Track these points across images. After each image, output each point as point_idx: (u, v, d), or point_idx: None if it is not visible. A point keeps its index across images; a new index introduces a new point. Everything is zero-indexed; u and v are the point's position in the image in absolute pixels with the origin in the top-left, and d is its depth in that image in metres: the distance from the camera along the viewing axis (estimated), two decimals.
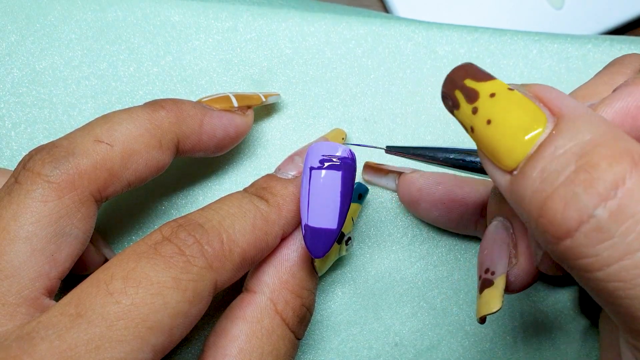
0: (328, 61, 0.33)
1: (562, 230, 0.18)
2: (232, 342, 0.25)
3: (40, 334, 0.20)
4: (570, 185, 0.17)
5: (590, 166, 0.17)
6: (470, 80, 0.21)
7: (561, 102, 0.19)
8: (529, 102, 0.20)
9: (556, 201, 0.18)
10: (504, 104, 0.20)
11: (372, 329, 0.32)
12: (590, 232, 0.17)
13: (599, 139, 0.18)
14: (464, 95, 0.21)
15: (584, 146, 0.18)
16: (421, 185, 0.31)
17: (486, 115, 0.20)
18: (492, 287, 0.24)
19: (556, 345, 0.32)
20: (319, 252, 0.25)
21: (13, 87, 0.32)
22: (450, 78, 0.21)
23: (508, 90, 0.20)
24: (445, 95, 0.21)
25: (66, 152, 0.24)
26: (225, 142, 0.29)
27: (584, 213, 0.17)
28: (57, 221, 0.23)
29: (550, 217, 0.18)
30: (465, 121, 0.21)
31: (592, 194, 0.17)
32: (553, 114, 0.19)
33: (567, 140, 0.18)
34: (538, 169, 0.18)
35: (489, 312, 0.24)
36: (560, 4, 0.43)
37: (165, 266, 0.22)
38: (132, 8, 0.33)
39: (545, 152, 0.18)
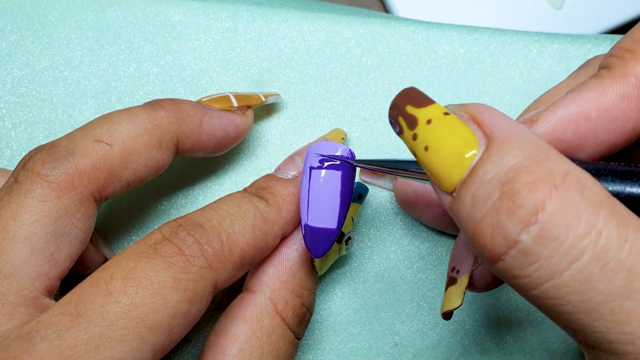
0: (328, 61, 0.33)
1: (493, 254, 0.18)
2: (232, 341, 0.25)
3: (40, 334, 0.20)
4: (495, 213, 0.18)
5: (512, 194, 0.18)
6: (410, 107, 0.21)
7: (493, 124, 0.20)
8: (463, 126, 0.20)
9: (484, 227, 0.18)
10: (439, 130, 0.20)
11: (372, 329, 0.32)
12: (518, 256, 0.18)
13: (523, 163, 0.18)
14: (406, 122, 0.21)
15: (508, 172, 0.18)
16: (417, 187, 0.30)
17: (424, 142, 0.20)
18: (455, 285, 0.26)
19: (556, 343, 0.32)
20: (319, 252, 0.25)
21: (13, 87, 0.32)
22: (394, 104, 0.22)
23: (443, 116, 0.20)
24: (391, 121, 0.22)
25: (66, 152, 0.24)
26: (225, 142, 0.29)
27: (510, 239, 0.18)
28: (57, 221, 0.23)
29: (481, 242, 0.19)
30: (408, 146, 0.21)
31: (515, 221, 0.18)
32: (485, 136, 0.20)
33: (494, 166, 0.19)
34: (470, 194, 0.19)
35: (450, 308, 0.25)
36: (560, 4, 0.43)
37: (165, 266, 0.22)
38: (132, 8, 0.33)
39: (475, 178, 0.19)
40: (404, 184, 0.31)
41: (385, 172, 0.26)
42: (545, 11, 0.43)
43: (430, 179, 0.21)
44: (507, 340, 0.32)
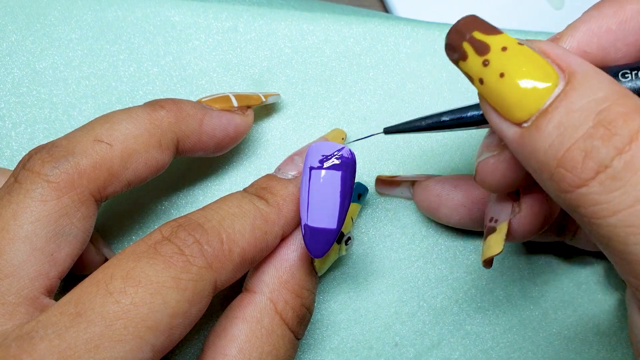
0: (327, 60, 0.33)
1: (580, 179, 0.19)
2: (232, 342, 0.25)
3: (40, 333, 0.20)
4: (589, 138, 0.19)
5: (608, 122, 0.19)
6: (479, 33, 0.21)
7: (570, 59, 0.20)
8: (539, 57, 0.20)
9: (576, 152, 0.19)
10: (516, 58, 0.20)
11: (372, 328, 0.32)
12: (606, 180, 0.19)
13: (611, 96, 0.19)
14: (474, 47, 0.21)
15: (600, 103, 0.19)
16: (439, 191, 0.31)
17: (499, 68, 0.20)
18: (494, 233, 0.26)
19: (557, 342, 0.32)
20: (319, 252, 0.25)
21: (13, 87, 0.32)
22: (458, 29, 0.21)
23: (519, 45, 0.21)
24: (450, 46, 0.22)
25: (66, 152, 0.24)
26: (225, 141, 0.29)
27: (602, 163, 0.19)
28: (57, 221, 0.23)
29: (569, 167, 0.19)
30: (473, 73, 0.21)
31: (611, 147, 0.19)
32: (562, 70, 0.20)
33: (582, 97, 0.19)
34: (554, 122, 0.19)
35: (491, 255, 0.25)
36: (560, 4, 0.43)
37: (165, 266, 0.22)
38: (132, 8, 0.33)
39: (561, 107, 0.19)
40: (424, 191, 0.31)
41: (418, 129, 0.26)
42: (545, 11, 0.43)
43: (490, 112, 0.21)
44: (508, 339, 0.32)
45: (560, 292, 0.33)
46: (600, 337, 0.32)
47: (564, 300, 0.33)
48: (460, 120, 0.26)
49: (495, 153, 0.24)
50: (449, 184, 0.31)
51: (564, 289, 0.33)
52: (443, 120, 0.26)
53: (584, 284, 0.33)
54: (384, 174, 0.32)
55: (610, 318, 0.32)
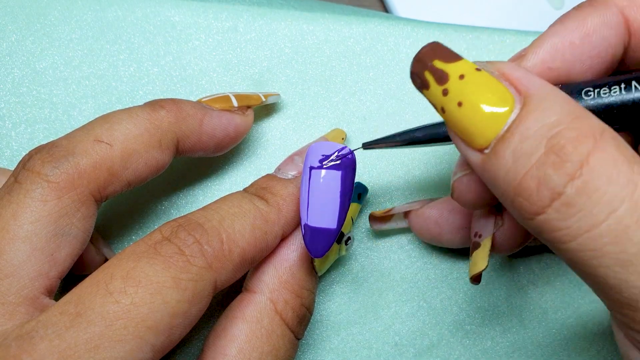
0: (327, 60, 0.33)
1: (536, 207, 0.19)
2: (232, 342, 0.25)
3: (40, 333, 0.20)
4: (541, 166, 0.19)
5: (559, 149, 0.19)
6: (439, 62, 0.21)
7: (527, 81, 0.20)
8: (496, 82, 0.21)
9: (530, 181, 0.19)
10: (473, 85, 0.21)
11: (372, 328, 0.32)
12: (561, 207, 0.19)
13: (564, 119, 0.19)
14: (434, 77, 0.21)
15: (551, 128, 0.19)
16: (436, 218, 0.30)
17: (457, 97, 0.21)
18: (479, 249, 0.26)
19: (557, 341, 0.32)
20: (319, 252, 0.25)
21: (13, 87, 0.32)
22: (419, 58, 0.22)
23: (476, 71, 0.21)
24: (414, 75, 0.22)
25: (66, 152, 0.24)
26: (225, 141, 0.29)
27: (555, 191, 0.19)
28: (57, 221, 0.23)
29: (525, 195, 0.19)
30: (435, 102, 0.21)
31: (562, 174, 0.19)
32: (519, 93, 0.20)
33: (535, 122, 0.19)
34: (510, 149, 0.20)
35: (477, 271, 0.26)
36: (560, 4, 0.43)
37: (164, 266, 0.22)
38: (132, 8, 0.33)
39: (515, 133, 0.20)
40: (421, 220, 0.30)
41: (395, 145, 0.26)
42: (545, 11, 0.43)
43: (455, 138, 0.21)
44: (508, 338, 0.32)
45: (560, 292, 0.33)
46: (600, 337, 0.32)
47: (564, 300, 0.33)
48: (434, 136, 0.26)
49: (468, 172, 0.25)
50: (445, 209, 0.30)
51: (564, 289, 0.33)
52: (417, 137, 0.26)
53: (584, 284, 0.33)
54: (377, 211, 0.32)
55: (610, 318, 0.32)
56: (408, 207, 0.31)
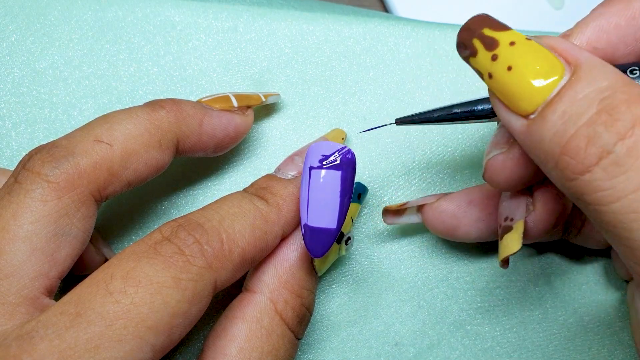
0: (327, 60, 0.33)
1: (583, 165, 0.19)
2: (232, 341, 0.25)
3: (40, 333, 0.20)
4: (592, 125, 0.19)
5: (611, 108, 0.19)
6: (488, 30, 0.22)
7: (576, 52, 0.21)
8: (546, 51, 0.21)
9: (579, 139, 0.19)
10: (524, 51, 0.21)
11: (372, 328, 0.32)
12: (609, 166, 0.19)
13: (615, 84, 0.19)
14: (483, 43, 0.22)
15: (603, 91, 0.19)
16: (453, 211, 0.30)
17: (507, 61, 0.21)
18: (511, 232, 0.26)
19: (557, 340, 0.32)
20: (319, 252, 0.25)
21: (13, 87, 0.32)
22: (468, 27, 0.22)
23: (526, 40, 0.21)
24: (461, 44, 0.22)
25: (66, 152, 0.24)
26: (225, 142, 0.29)
27: (605, 149, 0.19)
28: (57, 221, 0.23)
29: (572, 153, 0.19)
30: (483, 68, 0.22)
31: (613, 132, 0.19)
32: (569, 63, 0.21)
33: (587, 86, 0.20)
34: (559, 111, 0.20)
35: (509, 253, 0.25)
36: (560, 4, 0.43)
37: (165, 266, 0.22)
38: (132, 8, 0.33)
39: (566, 97, 0.20)
40: (437, 213, 0.30)
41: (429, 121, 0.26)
42: (545, 11, 0.43)
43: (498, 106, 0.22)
44: (508, 338, 0.32)
45: (560, 292, 0.33)
46: (601, 337, 0.32)
47: (564, 300, 0.33)
48: (471, 113, 0.26)
49: (504, 150, 0.25)
50: (462, 201, 0.30)
51: (564, 289, 0.33)
52: (454, 112, 0.26)
53: (584, 284, 0.33)
54: (391, 204, 0.31)
55: (611, 319, 0.32)
56: (422, 200, 0.31)
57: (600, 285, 0.33)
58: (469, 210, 0.30)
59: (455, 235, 0.30)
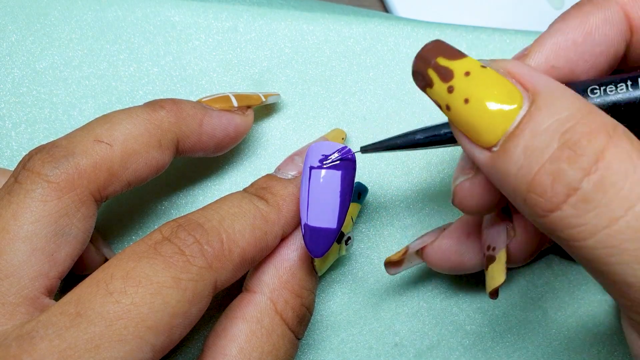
0: (327, 60, 0.33)
1: (551, 204, 0.19)
2: (232, 341, 0.25)
3: (40, 333, 0.20)
4: (556, 161, 0.19)
5: (573, 143, 0.18)
6: (442, 59, 0.21)
7: (534, 79, 0.20)
8: (503, 79, 0.20)
9: (544, 177, 0.19)
10: (480, 82, 0.20)
11: (372, 328, 0.32)
12: (578, 203, 0.18)
13: (576, 114, 0.19)
14: (438, 74, 0.21)
15: (564, 123, 0.19)
16: (456, 246, 0.29)
17: (463, 94, 0.20)
18: (495, 262, 0.26)
19: (557, 340, 0.32)
20: (319, 252, 0.25)
21: (13, 87, 0.32)
22: (422, 56, 0.21)
23: (481, 68, 0.21)
24: (417, 74, 0.22)
25: (66, 152, 0.24)
26: (225, 142, 0.29)
27: (571, 186, 0.18)
28: (57, 221, 0.23)
29: (539, 191, 0.19)
30: (440, 100, 0.21)
31: (577, 169, 0.18)
32: (527, 90, 0.20)
33: (547, 117, 0.19)
34: (521, 145, 0.19)
35: (496, 286, 0.25)
36: (560, 4, 0.43)
37: (165, 266, 0.22)
38: (132, 8, 0.33)
39: (526, 129, 0.19)
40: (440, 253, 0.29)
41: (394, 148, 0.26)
42: (545, 11, 0.43)
43: (460, 137, 0.21)
44: (508, 339, 0.32)
45: (560, 292, 0.33)
46: (601, 337, 0.32)
47: (563, 300, 0.33)
48: (435, 138, 0.25)
49: (470, 176, 0.24)
50: (462, 235, 0.29)
51: (563, 290, 0.33)
52: (417, 139, 0.26)
53: (584, 284, 0.33)
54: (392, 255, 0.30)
55: (611, 318, 0.32)
56: (421, 242, 0.30)
57: (600, 286, 0.33)
58: (469, 243, 0.29)
59: (462, 270, 0.29)
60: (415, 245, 0.30)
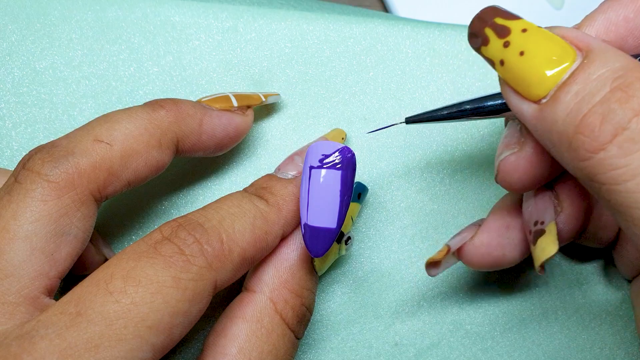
0: (327, 60, 0.33)
1: (597, 143, 0.19)
2: (232, 341, 0.25)
3: (40, 333, 0.20)
4: (606, 102, 0.19)
5: (625, 86, 0.19)
6: (500, 19, 0.22)
7: (587, 39, 0.21)
8: (558, 38, 0.21)
9: (593, 117, 0.19)
10: (536, 38, 0.21)
11: (372, 328, 0.32)
12: (624, 142, 0.19)
13: (628, 65, 0.20)
14: (495, 31, 0.22)
15: (616, 71, 0.20)
16: (497, 239, 0.28)
17: (519, 47, 0.21)
18: (545, 235, 0.25)
19: (557, 340, 0.32)
20: (319, 251, 0.25)
21: (13, 87, 0.32)
22: (480, 17, 0.23)
23: (537, 27, 0.22)
24: (473, 34, 0.23)
25: (66, 152, 0.24)
26: (224, 141, 0.29)
27: (620, 126, 0.19)
28: (57, 220, 0.23)
29: (587, 131, 0.19)
30: (494, 55, 0.22)
31: (627, 109, 0.19)
32: (580, 50, 0.21)
33: (600, 67, 0.20)
34: (573, 92, 0.20)
35: (547, 257, 0.24)
36: (560, 4, 0.43)
37: (165, 265, 0.22)
38: (132, 8, 0.33)
39: (579, 77, 0.20)
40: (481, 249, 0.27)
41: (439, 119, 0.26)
42: (545, 11, 0.43)
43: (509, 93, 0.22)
44: (509, 338, 0.32)
45: (560, 292, 0.33)
46: (602, 336, 0.32)
47: (564, 300, 0.33)
48: (480, 109, 0.26)
49: (515, 150, 0.24)
50: (502, 227, 0.28)
51: (564, 289, 0.33)
52: (464, 109, 0.26)
53: (585, 284, 0.33)
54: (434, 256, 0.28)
55: (612, 318, 0.32)
56: (460, 240, 0.28)
57: (601, 285, 0.33)
58: (510, 234, 0.28)
59: (502, 265, 0.28)
60: (455, 242, 0.28)
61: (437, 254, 0.28)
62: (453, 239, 0.29)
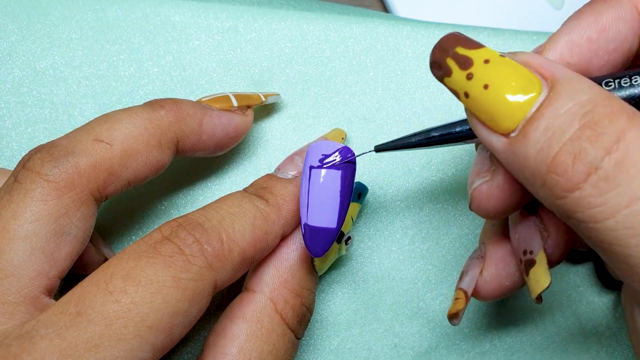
0: (327, 60, 0.33)
1: (572, 183, 0.19)
2: (232, 341, 0.25)
3: (40, 333, 0.20)
4: (577, 140, 0.19)
5: (594, 123, 0.19)
6: (461, 48, 0.21)
7: (552, 67, 0.21)
8: (522, 67, 0.21)
9: (565, 156, 0.19)
10: (499, 69, 0.21)
11: (372, 329, 0.32)
12: (598, 182, 0.18)
13: (595, 98, 0.19)
14: (457, 63, 0.21)
15: (584, 105, 0.19)
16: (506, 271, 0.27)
17: (483, 80, 0.21)
18: (536, 266, 0.25)
19: (555, 342, 0.32)
20: (319, 251, 0.25)
21: (13, 87, 0.32)
22: (440, 46, 0.22)
23: (500, 57, 0.21)
24: (435, 63, 0.22)
25: (66, 152, 0.24)
26: (224, 141, 0.29)
27: (592, 165, 0.18)
28: (57, 220, 0.23)
29: (560, 171, 0.19)
30: (458, 87, 0.21)
31: (598, 148, 0.18)
32: (545, 78, 0.20)
33: (567, 101, 0.19)
34: (541, 127, 0.20)
35: (542, 289, 0.24)
36: (560, 4, 0.43)
37: (165, 265, 0.22)
38: (132, 8, 0.33)
39: (547, 112, 0.20)
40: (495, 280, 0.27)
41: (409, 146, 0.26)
42: (545, 11, 0.43)
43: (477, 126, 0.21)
44: (506, 341, 0.32)
45: (557, 294, 0.33)
46: (599, 339, 0.32)
47: (561, 302, 0.33)
48: (449, 135, 0.25)
49: (487, 178, 0.24)
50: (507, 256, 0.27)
51: (561, 292, 0.33)
52: (432, 136, 0.26)
53: (582, 286, 0.33)
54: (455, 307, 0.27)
55: (609, 320, 0.32)
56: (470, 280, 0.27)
57: (597, 287, 0.33)
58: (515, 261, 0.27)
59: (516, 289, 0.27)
60: (468, 284, 0.27)
61: (457, 304, 0.27)
62: (462, 281, 0.28)
